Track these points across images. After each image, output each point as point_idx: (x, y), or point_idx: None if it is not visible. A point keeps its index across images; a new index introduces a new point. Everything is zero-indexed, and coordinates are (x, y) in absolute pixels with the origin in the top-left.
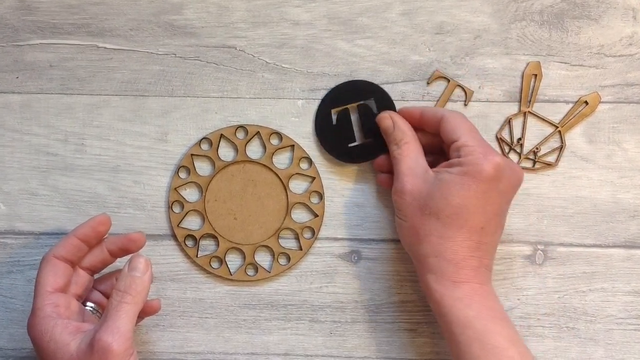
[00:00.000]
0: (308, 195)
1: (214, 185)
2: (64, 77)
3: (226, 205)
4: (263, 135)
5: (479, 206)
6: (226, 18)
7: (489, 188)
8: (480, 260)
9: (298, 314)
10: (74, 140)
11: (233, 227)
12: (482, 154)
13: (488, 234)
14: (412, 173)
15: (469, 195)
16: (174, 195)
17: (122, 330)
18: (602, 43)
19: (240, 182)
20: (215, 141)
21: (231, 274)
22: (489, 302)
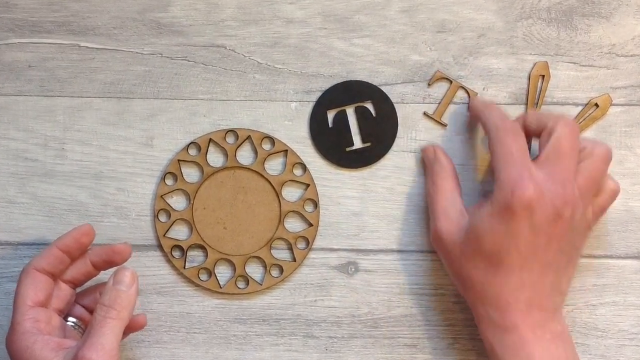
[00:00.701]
0: (302, 203)
1: (203, 193)
2: (44, 78)
3: (215, 214)
4: (254, 140)
5: (511, 246)
6: (215, 16)
7: (520, 228)
8: (528, 303)
9: (291, 329)
10: (54, 145)
11: (222, 237)
12: (511, 189)
13: (532, 273)
14: (446, 216)
15: (498, 239)
16: (160, 203)
17: (106, 347)
18: (614, 42)
19: (230, 189)
20: (203, 146)
21: (221, 287)
22: (541, 350)
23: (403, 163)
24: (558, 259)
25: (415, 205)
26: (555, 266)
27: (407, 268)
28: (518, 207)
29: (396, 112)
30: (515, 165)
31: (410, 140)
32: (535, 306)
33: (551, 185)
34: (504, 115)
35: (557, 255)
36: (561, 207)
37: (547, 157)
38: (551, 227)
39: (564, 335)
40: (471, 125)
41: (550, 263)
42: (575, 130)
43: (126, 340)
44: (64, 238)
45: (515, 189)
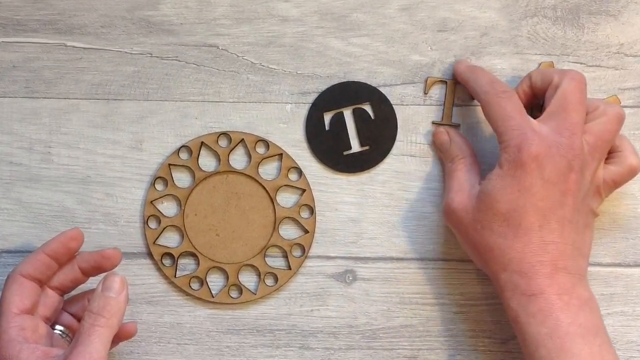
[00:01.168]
0: (298, 209)
1: (194, 199)
2: (29, 79)
3: (207, 221)
4: (248, 143)
5: (528, 205)
6: (207, 14)
7: (532, 183)
8: (553, 265)
9: (287, 340)
10: (39, 149)
11: (215, 245)
12: (517, 146)
13: (552, 231)
14: (460, 189)
15: (512, 197)
16: (150, 209)
17: (94, 356)
18: (622, 41)
19: (222, 194)
20: (195, 150)
21: (213, 296)
22: (568, 316)
23: (403, 167)
24: (576, 216)
25: (416, 211)
26: (575, 224)
27: (407, 277)
28: (527, 162)
29: (396, 114)
30: (515, 124)
31: (411, 144)
32: (561, 269)
33: (558, 138)
34: (493, 78)
35: (574, 212)
36: (571, 159)
37: (552, 111)
38: (563, 180)
39: (591, 302)
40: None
41: (569, 220)
42: (582, 83)
43: (115, 350)
44: (51, 243)
45: (520, 145)
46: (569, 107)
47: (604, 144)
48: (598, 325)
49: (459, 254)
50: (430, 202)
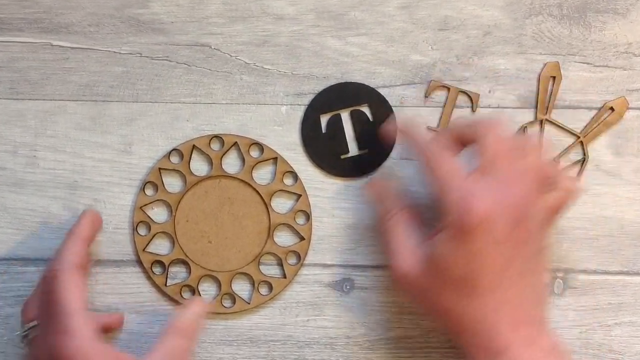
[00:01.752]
0: (293, 215)
1: (185, 204)
2: (13, 79)
3: (199, 227)
4: (242, 146)
5: (480, 268)
6: (199, 12)
7: (482, 246)
8: (513, 320)
9: (282, 351)
10: (24, 152)
11: (207, 252)
12: (461, 210)
13: (507, 289)
14: (405, 249)
15: (464, 262)
16: (139, 215)
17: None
18: (630, 41)
19: (215, 199)
20: (186, 153)
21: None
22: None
23: (402, 172)
24: (530, 266)
25: None
26: (530, 275)
27: None
28: (474, 226)
29: (395, 117)
30: (454, 185)
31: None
32: (522, 322)
33: (498, 194)
34: (424, 136)
35: (527, 262)
36: (516, 212)
37: (484, 166)
38: (513, 234)
39: (557, 347)
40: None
41: (523, 273)
42: (499, 132)
43: None
44: (83, 228)
45: (465, 209)
46: (497, 161)
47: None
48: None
49: None
50: (431, 209)
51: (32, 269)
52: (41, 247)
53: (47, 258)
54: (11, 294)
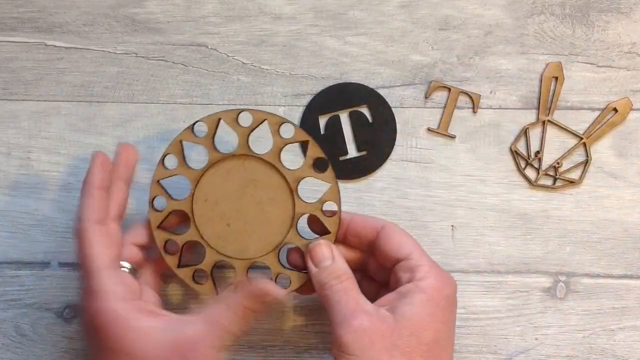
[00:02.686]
0: (320, 205)
1: (205, 182)
2: (7, 80)
3: (218, 208)
4: (271, 125)
5: (448, 337)
6: (195, 11)
7: (452, 314)
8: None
9: (280, 356)
10: (18, 154)
11: (224, 236)
12: (441, 277)
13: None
14: (364, 310)
15: (438, 327)
16: (156, 189)
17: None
18: (634, 40)
19: (238, 180)
20: (211, 127)
21: (217, 294)
22: None
23: (402, 174)
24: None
25: (416, 219)
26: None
27: None
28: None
29: (395, 118)
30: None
31: (410, 149)
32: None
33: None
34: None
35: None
36: (454, 290)
37: (422, 251)
38: (455, 311)
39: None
40: None
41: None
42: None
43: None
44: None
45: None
46: None
47: None
48: None
49: (461, 265)
50: (431, 211)
51: (26, 273)
52: (35, 250)
53: (41, 261)
54: (4, 298)
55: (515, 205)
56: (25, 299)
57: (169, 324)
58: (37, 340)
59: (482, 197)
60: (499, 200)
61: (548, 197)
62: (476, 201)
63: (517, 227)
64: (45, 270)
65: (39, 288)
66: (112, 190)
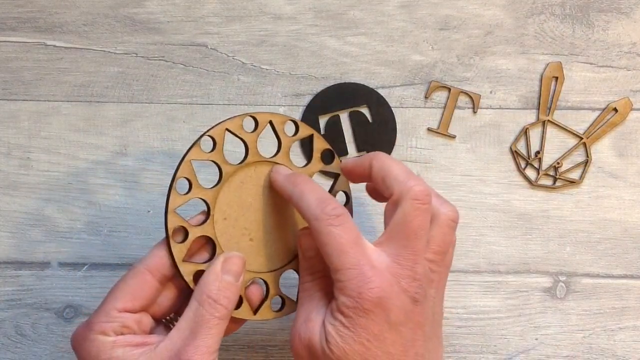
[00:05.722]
0: (334, 195)
1: (222, 200)
2: (7, 80)
3: (239, 224)
4: (276, 125)
5: (379, 353)
6: (196, 11)
7: (379, 330)
8: None
9: (279, 356)
10: (18, 154)
11: (250, 252)
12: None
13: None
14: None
15: (362, 349)
16: (175, 219)
17: (211, 348)
18: (634, 40)
19: (252, 190)
20: (219, 139)
21: (254, 313)
22: None
23: None
24: (427, 344)
25: None
26: (428, 352)
27: None
28: (370, 308)
29: (395, 118)
30: (352, 260)
31: (410, 149)
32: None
33: (399, 270)
34: (321, 196)
35: (426, 341)
36: (414, 292)
37: (392, 235)
38: (411, 316)
39: None
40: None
41: (422, 354)
42: (425, 204)
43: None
44: None
45: (360, 288)
46: (410, 234)
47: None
48: None
49: (461, 265)
50: None
51: (26, 273)
52: (35, 250)
53: (41, 261)
54: (4, 298)
55: (516, 205)
56: (25, 299)
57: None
58: (37, 340)
59: (482, 197)
60: (499, 200)
61: (548, 197)
62: (476, 201)
63: (517, 227)
64: (45, 270)
65: (39, 288)
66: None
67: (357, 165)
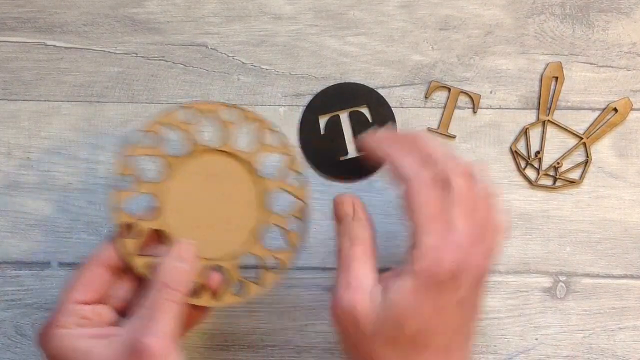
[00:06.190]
0: (284, 175)
1: (172, 191)
2: (7, 80)
3: (191, 214)
4: (217, 113)
5: (439, 324)
6: (195, 11)
7: (447, 302)
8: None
9: (280, 356)
10: (18, 154)
11: (205, 240)
12: (436, 258)
13: (456, 350)
14: (361, 287)
15: (426, 317)
16: (121, 216)
17: (167, 331)
18: (634, 40)
19: (201, 179)
20: (160, 133)
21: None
22: None
23: None
24: (474, 328)
25: None
26: (472, 338)
27: None
28: (445, 279)
29: (395, 118)
30: (438, 228)
31: None
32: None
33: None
34: (425, 157)
35: (474, 324)
36: (483, 270)
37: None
38: (475, 294)
39: None
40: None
41: (469, 336)
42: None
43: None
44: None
45: (440, 257)
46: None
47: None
48: None
49: None
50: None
51: (26, 273)
52: (35, 250)
53: (41, 261)
54: (4, 298)
55: (516, 205)
56: (25, 299)
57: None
58: None
59: None
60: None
61: (548, 197)
62: None
63: (517, 227)
64: (45, 270)
65: (39, 288)
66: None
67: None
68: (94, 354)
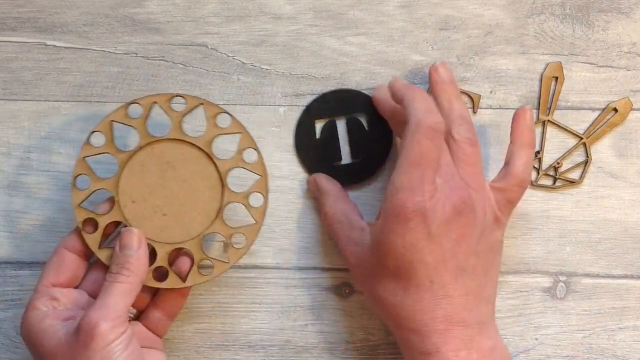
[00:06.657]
0: (240, 156)
1: (125, 185)
2: (7, 80)
3: (149, 203)
4: (162, 103)
5: (415, 261)
6: (195, 11)
7: (416, 238)
8: (447, 321)
9: (279, 356)
10: (18, 154)
11: (166, 226)
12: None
13: (444, 285)
14: (350, 240)
15: (398, 253)
16: (82, 213)
17: (111, 307)
18: (634, 40)
19: (154, 169)
20: (107, 132)
21: (184, 281)
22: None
23: None
24: (473, 262)
25: None
26: (471, 271)
27: None
28: (409, 217)
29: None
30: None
31: None
32: (456, 323)
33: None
34: (431, 107)
35: (470, 257)
36: (458, 201)
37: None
38: (453, 227)
39: (495, 351)
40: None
41: (464, 268)
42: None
43: None
44: None
45: (398, 199)
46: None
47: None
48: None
49: None
50: None
51: (26, 273)
52: (35, 250)
53: (41, 261)
54: (4, 298)
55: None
56: (25, 299)
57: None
58: None
59: None
60: None
61: (548, 197)
62: None
63: (517, 227)
64: None
65: None
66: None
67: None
68: (50, 332)
